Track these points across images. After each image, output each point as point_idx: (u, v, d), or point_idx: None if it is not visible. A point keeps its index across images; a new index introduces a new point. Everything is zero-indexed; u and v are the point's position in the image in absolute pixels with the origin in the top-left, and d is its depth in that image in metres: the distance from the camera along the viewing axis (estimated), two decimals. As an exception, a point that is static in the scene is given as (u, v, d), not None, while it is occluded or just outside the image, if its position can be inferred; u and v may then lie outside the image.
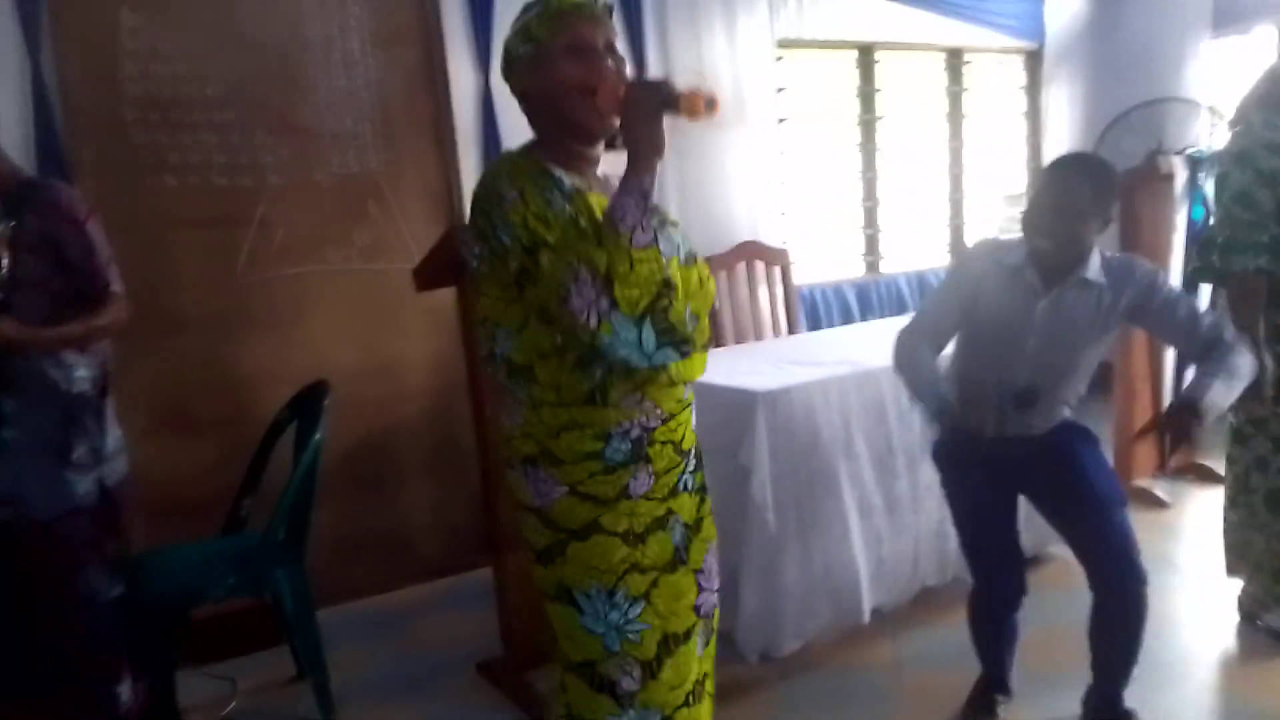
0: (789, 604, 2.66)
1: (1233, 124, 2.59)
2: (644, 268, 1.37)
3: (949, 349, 2.27)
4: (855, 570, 2.74)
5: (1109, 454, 3.87)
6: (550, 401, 1.50)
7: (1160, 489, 3.78)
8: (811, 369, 2.84)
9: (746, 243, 4.13)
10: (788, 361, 2.98)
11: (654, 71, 4.02)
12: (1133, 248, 3.73)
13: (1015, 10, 5.30)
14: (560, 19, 1.51)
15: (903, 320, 2.36)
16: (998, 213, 5.67)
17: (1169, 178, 3.65)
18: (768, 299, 4.16)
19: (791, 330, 4.15)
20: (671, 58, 4.09)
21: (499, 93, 3.59)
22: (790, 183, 4.66)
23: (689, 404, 1.64)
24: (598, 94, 1.46)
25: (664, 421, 1.56)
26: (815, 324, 4.60)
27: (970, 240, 5.45)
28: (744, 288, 4.11)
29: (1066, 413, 2.24)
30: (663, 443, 1.56)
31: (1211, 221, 2.56)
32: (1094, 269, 2.08)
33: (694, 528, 1.64)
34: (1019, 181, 5.67)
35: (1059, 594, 2.76)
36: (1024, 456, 2.20)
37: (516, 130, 1.77)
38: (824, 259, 4.97)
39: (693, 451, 1.67)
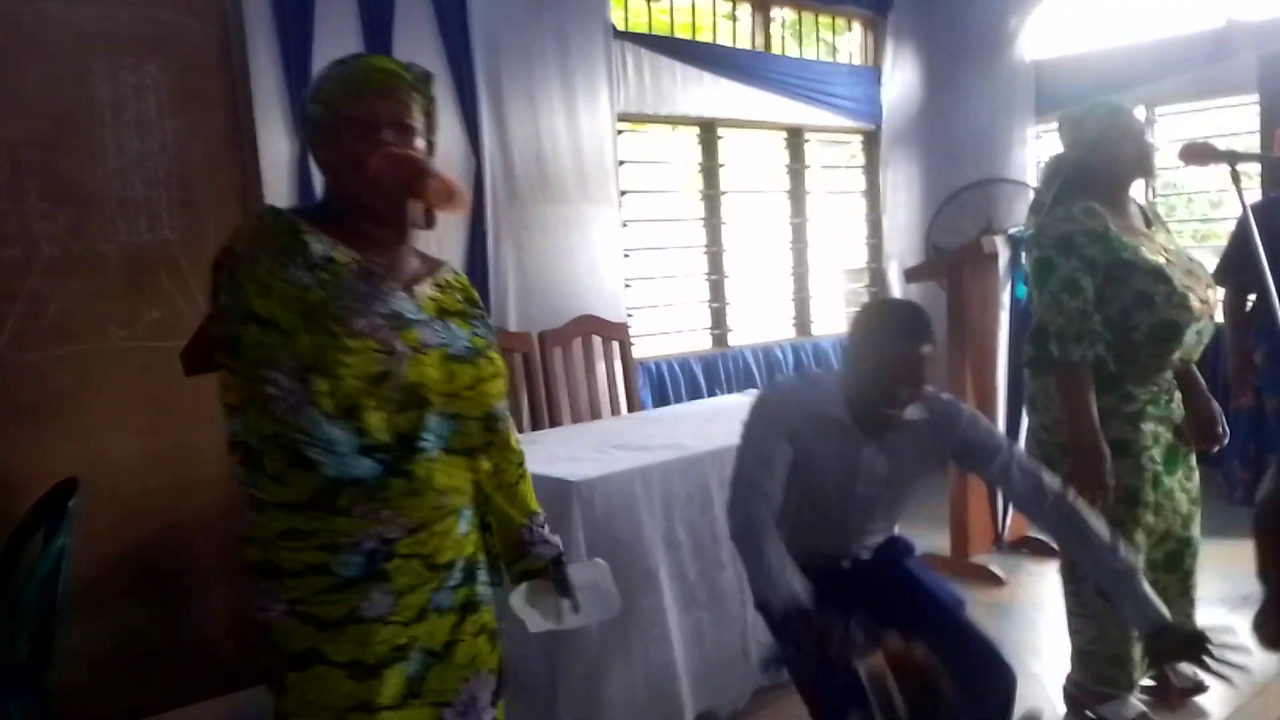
0: (612, 716, 2.46)
1: (1034, 209, 2.63)
2: (357, 359, 1.20)
3: None
4: (675, 672, 2.57)
5: (945, 531, 3.90)
6: (274, 501, 1.30)
7: (996, 565, 3.78)
8: (636, 454, 2.70)
9: (583, 317, 4.01)
10: (615, 445, 2.83)
11: (491, 145, 3.90)
12: (960, 325, 3.79)
13: (853, 92, 5.46)
14: (353, 86, 1.38)
15: (747, 397, 2.25)
16: (841, 286, 5.76)
17: (993, 256, 3.73)
18: (605, 375, 4.03)
19: (632, 407, 4.03)
20: (508, 131, 3.98)
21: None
22: (635, 257, 4.59)
23: (454, 510, 1.46)
24: (370, 173, 1.32)
25: (411, 532, 1.37)
26: (662, 399, 4.50)
27: (816, 319, 5.50)
28: (580, 364, 3.97)
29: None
30: (407, 557, 1.37)
31: (1037, 308, 2.54)
32: (913, 409, 2.02)
33: (442, 654, 1.42)
34: (860, 256, 5.79)
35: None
36: (857, 583, 2.11)
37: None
38: (670, 333, 4.91)
39: (458, 565, 1.47)
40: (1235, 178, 2.42)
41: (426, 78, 1.46)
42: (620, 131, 4.48)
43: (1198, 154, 2.43)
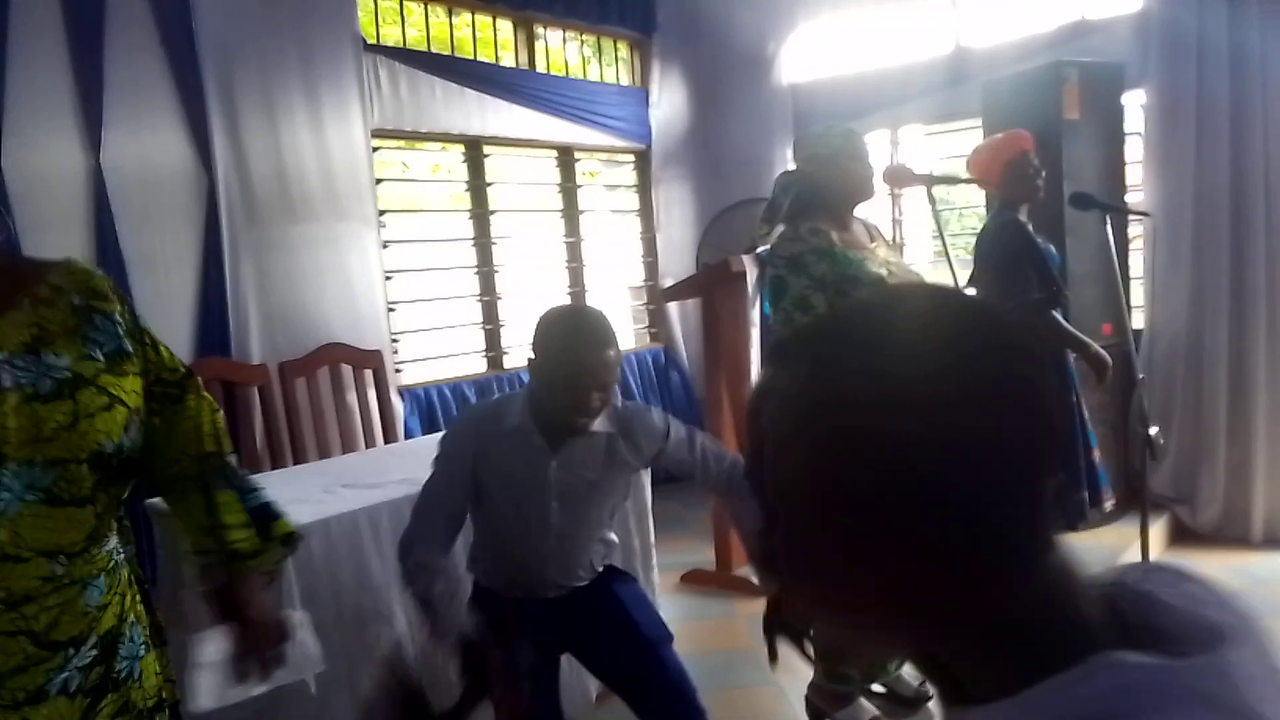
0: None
1: (765, 219, 2.71)
2: None
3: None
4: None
5: (709, 545, 3.96)
6: None
7: (755, 578, 3.87)
8: (366, 492, 2.55)
9: (330, 345, 3.79)
10: (345, 484, 2.66)
11: (225, 162, 3.63)
12: (715, 342, 3.86)
13: (622, 112, 5.51)
14: None
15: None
16: (622, 304, 5.79)
17: (742, 275, 3.82)
18: (357, 405, 3.83)
19: (389, 438, 3.85)
20: (245, 146, 3.72)
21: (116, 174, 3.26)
22: (403, 279, 4.42)
23: (77, 579, 1.28)
24: None
25: (10, 606, 1.19)
26: (433, 426, 4.34)
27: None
28: (328, 395, 3.75)
29: (607, 558, 2.19)
30: (9, 634, 1.19)
31: (773, 327, 2.61)
32: (602, 420, 2.01)
33: None
34: (637, 275, 5.84)
35: None
36: (565, 613, 2.09)
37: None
38: (442, 357, 4.75)
39: (89, 641, 1.29)
40: (931, 199, 2.57)
41: None
42: (377, 149, 4.31)
43: (897, 176, 2.58)
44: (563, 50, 5.41)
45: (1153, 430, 3.20)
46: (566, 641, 2.16)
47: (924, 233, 5.71)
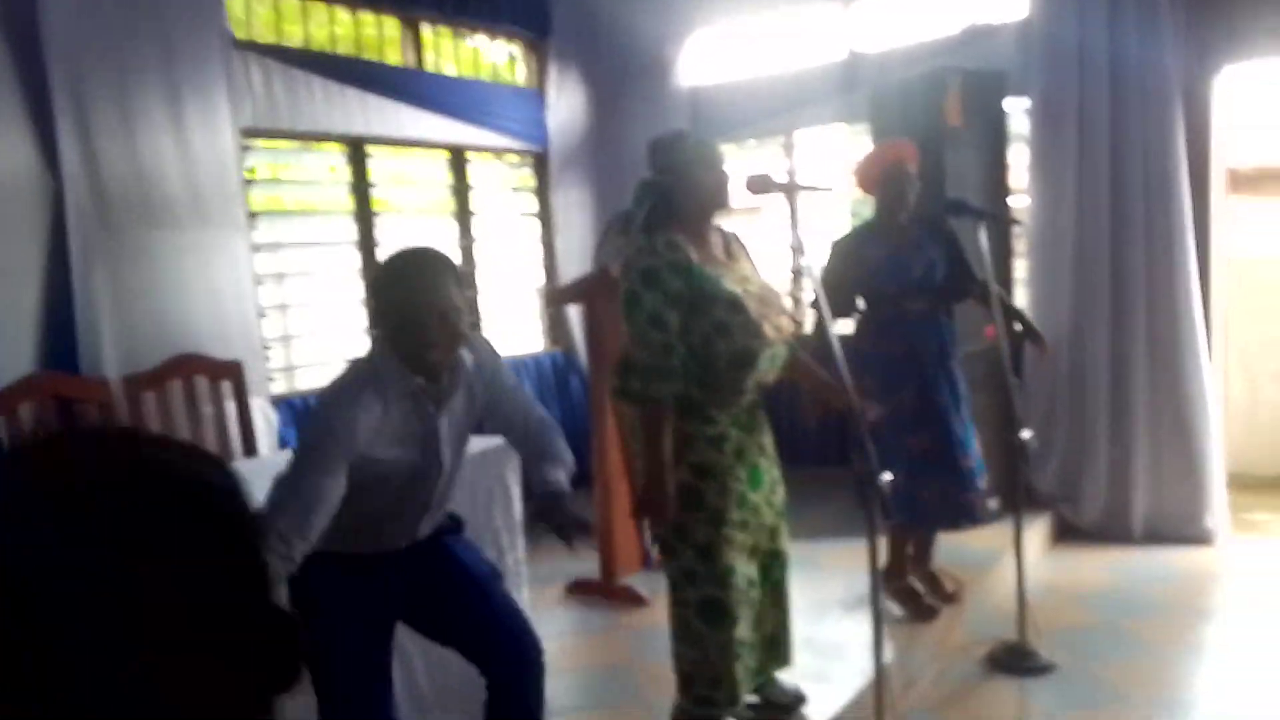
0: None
1: (620, 228, 2.64)
2: None
3: None
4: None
5: (594, 552, 3.87)
6: None
7: (642, 586, 3.79)
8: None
9: (183, 356, 3.57)
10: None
11: (73, 165, 3.42)
12: (598, 348, 3.78)
13: (517, 114, 5.40)
14: None
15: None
16: (522, 307, 5.68)
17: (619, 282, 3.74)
18: (214, 419, 3.65)
19: (249, 452, 3.67)
20: (96, 148, 3.50)
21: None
22: (282, 284, 4.24)
23: None
24: None
25: None
26: (314, 438, 4.16)
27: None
28: (181, 410, 3.55)
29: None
30: None
31: (625, 340, 2.54)
32: (468, 361, 2.07)
33: None
34: (537, 278, 5.73)
35: None
36: (401, 564, 2.10)
37: None
38: (326, 364, 4.58)
39: None
40: (792, 207, 2.54)
41: None
42: (247, 148, 4.13)
43: (759, 185, 2.53)
44: (453, 50, 5.27)
45: (1024, 434, 3.23)
46: (397, 603, 2.13)
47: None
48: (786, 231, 2.66)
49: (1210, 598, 3.83)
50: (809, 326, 3.21)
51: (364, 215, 4.69)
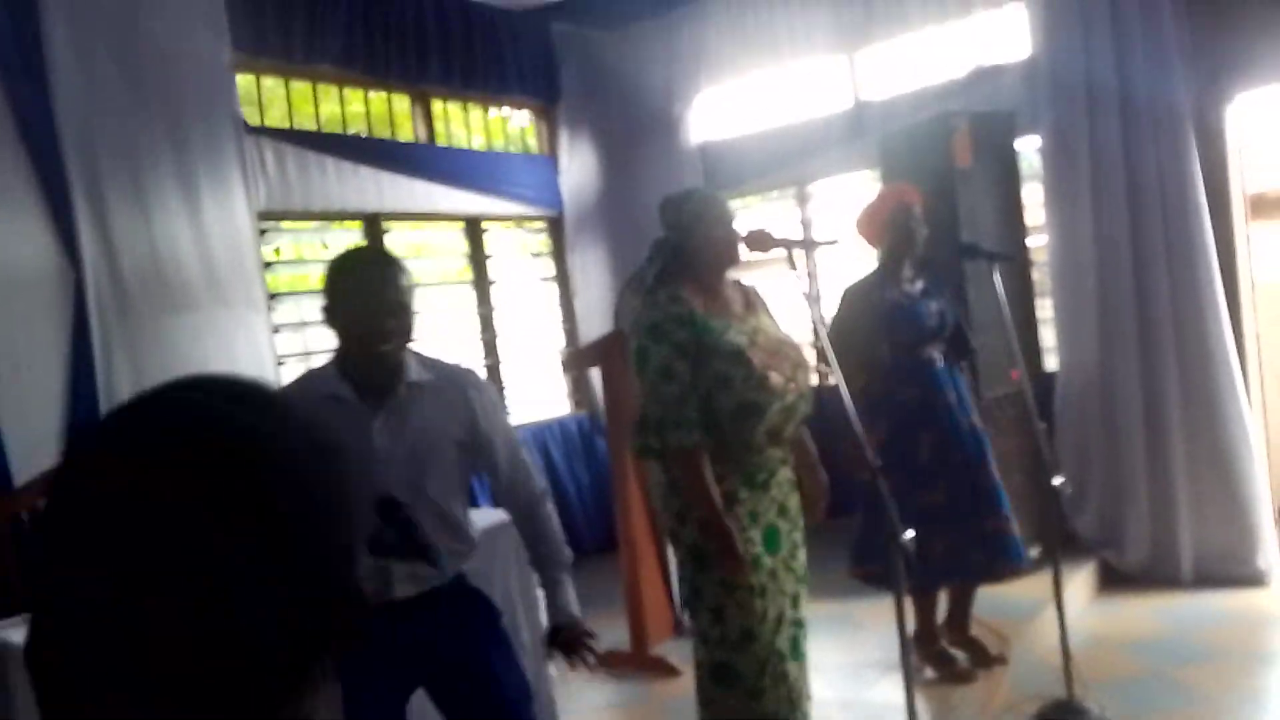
0: None
1: (634, 287, 2.65)
2: None
3: None
4: None
5: (623, 619, 3.80)
6: None
7: (674, 655, 3.70)
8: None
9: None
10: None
11: (92, 254, 3.49)
12: (617, 409, 3.75)
13: (531, 180, 5.46)
14: None
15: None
16: (545, 371, 5.67)
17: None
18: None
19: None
20: (114, 236, 3.58)
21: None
22: (309, 361, 4.28)
23: None
24: None
25: None
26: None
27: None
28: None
29: (459, 557, 2.09)
30: None
31: (639, 397, 2.52)
32: (415, 370, 2.02)
33: None
34: (558, 341, 5.73)
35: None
36: (425, 634, 2.00)
37: None
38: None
39: None
40: (791, 262, 2.52)
41: None
42: (265, 231, 4.19)
43: (759, 241, 2.52)
44: (465, 122, 5.36)
45: (1056, 480, 3.13)
46: (418, 674, 2.06)
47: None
48: (799, 284, 2.60)
49: (1266, 640, 3.65)
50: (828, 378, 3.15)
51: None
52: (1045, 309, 4.65)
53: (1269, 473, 4.18)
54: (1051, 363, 4.63)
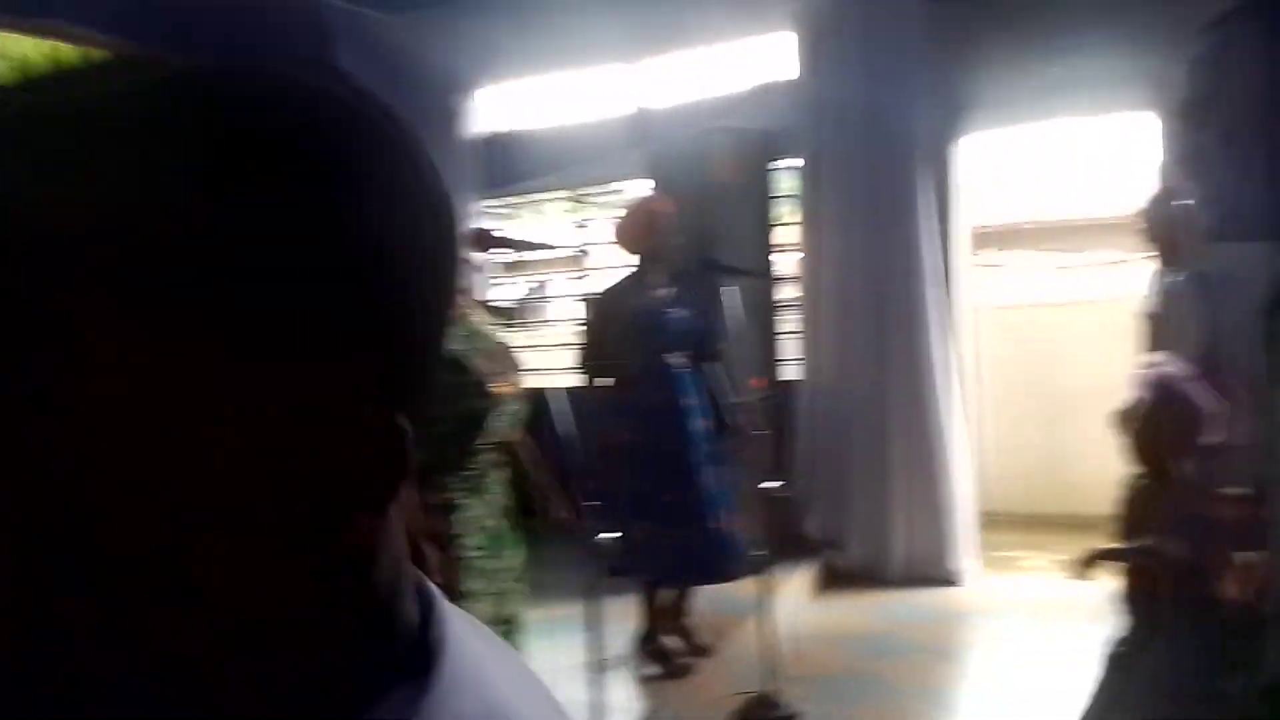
0: None
1: None
2: None
3: None
4: None
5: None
6: None
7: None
8: None
9: None
10: None
11: None
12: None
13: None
14: None
15: None
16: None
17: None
18: None
19: None
20: None
21: None
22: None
23: None
24: None
25: None
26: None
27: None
28: None
29: None
30: None
31: None
32: None
33: None
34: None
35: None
36: None
37: None
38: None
39: None
40: (504, 261, 2.54)
41: None
42: None
43: (482, 240, 2.53)
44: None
45: (766, 484, 3.33)
46: None
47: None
48: (515, 286, 2.61)
49: (951, 637, 4.02)
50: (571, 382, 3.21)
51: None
52: (785, 324, 4.91)
53: (977, 480, 4.60)
54: (796, 373, 4.90)
